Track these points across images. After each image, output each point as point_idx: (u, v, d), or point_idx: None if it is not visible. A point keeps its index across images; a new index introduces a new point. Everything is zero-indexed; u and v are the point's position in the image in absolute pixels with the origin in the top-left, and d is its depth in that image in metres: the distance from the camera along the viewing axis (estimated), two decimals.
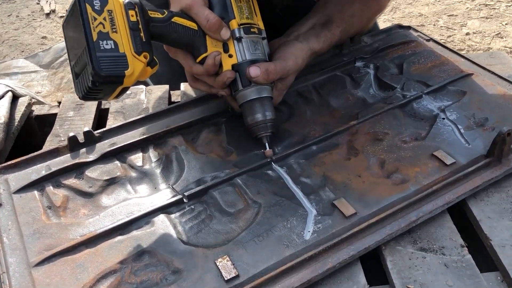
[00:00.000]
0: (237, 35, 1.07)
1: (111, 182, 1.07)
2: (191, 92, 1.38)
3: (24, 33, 3.68)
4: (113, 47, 0.90)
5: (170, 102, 1.37)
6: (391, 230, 0.91)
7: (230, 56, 1.08)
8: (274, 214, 0.97)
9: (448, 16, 3.63)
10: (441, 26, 3.51)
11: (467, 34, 3.39)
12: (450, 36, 3.39)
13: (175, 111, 1.24)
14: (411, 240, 0.92)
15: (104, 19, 0.91)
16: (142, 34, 0.95)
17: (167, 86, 1.40)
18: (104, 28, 0.90)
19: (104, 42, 0.89)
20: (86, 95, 0.93)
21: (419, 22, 3.56)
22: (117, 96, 0.96)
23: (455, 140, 1.10)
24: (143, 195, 1.04)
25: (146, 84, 1.55)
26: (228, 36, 1.07)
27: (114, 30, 0.91)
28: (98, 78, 0.89)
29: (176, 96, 1.40)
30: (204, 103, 1.26)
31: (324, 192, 1.01)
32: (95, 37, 0.89)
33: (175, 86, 1.46)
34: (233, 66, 1.08)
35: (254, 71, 1.05)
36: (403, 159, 1.07)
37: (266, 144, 1.10)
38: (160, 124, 1.21)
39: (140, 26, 0.95)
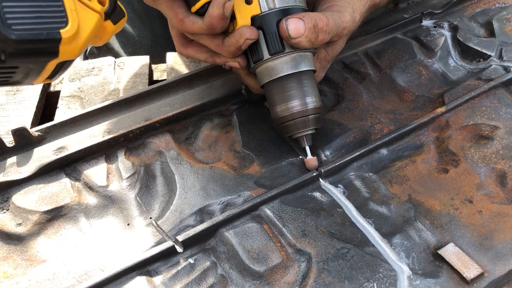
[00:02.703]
0: None
1: (55, 216, 0.65)
2: (182, 66, 0.94)
3: None
4: None
5: (151, 81, 0.93)
6: None
7: (249, 2, 0.65)
8: (336, 276, 0.55)
9: None
10: None
11: None
12: None
13: (159, 95, 0.80)
14: None
15: None
16: None
17: (146, 58, 0.96)
18: None
19: None
20: None
21: None
22: (51, 77, 0.52)
23: None
24: (107, 240, 0.61)
25: (116, 55, 1.10)
26: None
27: None
28: (6, 46, 0.44)
29: (160, 72, 0.97)
30: (203, 82, 0.82)
31: (417, 230, 0.60)
32: None
33: (158, 57, 1.02)
34: (254, 19, 0.65)
35: (295, 25, 0.62)
36: None
37: (307, 148, 0.68)
38: (135, 115, 0.77)
39: None
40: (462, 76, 0.83)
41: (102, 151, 0.72)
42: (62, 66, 0.50)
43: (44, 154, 0.71)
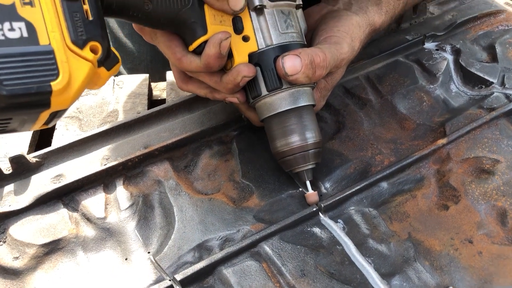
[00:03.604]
0: (257, 2, 0.63)
1: (53, 249, 0.64)
2: None
3: None
4: (25, 35, 0.45)
5: (150, 101, 0.93)
6: None
7: (246, 39, 0.64)
8: None
9: None
10: None
11: None
12: None
13: (158, 119, 0.80)
14: None
15: None
16: (86, 8, 0.51)
17: (146, 76, 0.95)
18: None
19: (7, 25, 0.44)
20: None
21: None
22: (47, 124, 0.52)
23: None
24: (104, 275, 0.61)
25: (115, 75, 1.09)
26: (242, 5, 0.63)
27: (27, 0, 0.46)
28: None
29: (159, 91, 0.96)
30: (203, 105, 0.82)
31: (416, 272, 0.59)
32: None
33: (157, 74, 1.01)
34: (252, 56, 0.64)
35: (291, 63, 0.61)
36: None
37: (308, 183, 0.68)
38: (134, 141, 0.76)
39: None
40: (463, 103, 0.83)
41: (101, 180, 0.71)
42: (57, 114, 0.49)
43: (42, 182, 0.71)
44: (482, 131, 0.76)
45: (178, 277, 0.58)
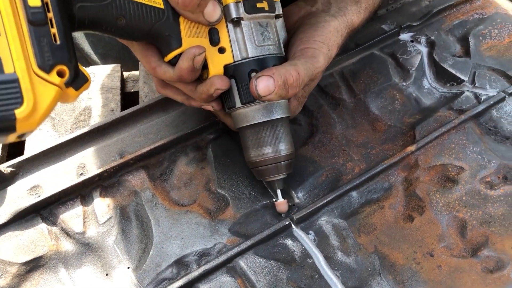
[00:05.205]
0: (234, 15, 0.62)
1: (34, 267, 0.66)
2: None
3: None
4: None
5: (123, 95, 0.91)
6: None
7: (222, 50, 0.64)
8: None
9: None
10: None
11: None
12: None
13: (132, 121, 0.80)
14: None
15: None
16: (54, 31, 0.50)
17: (118, 67, 0.93)
18: None
19: None
20: None
21: None
22: (20, 138, 0.53)
23: None
24: None
25: (86, 56, 1.06)
26: (217, 16, 0.62)
27: None
28: None
29: (132, 82, 0.94)
30: (177, 105, 0.82)
31: (380, 286, 0.64)
32: None
33: (130, 60, 0.99)
34: (227, 68, 0.64)
35: (264, 84, 0.61)
36: (493, 220, 0.69)
37: (279, 192, 0.70)
38: (109, 147, 0.77)
39: (51, 15, 0.50)
40: (435, 101, 0.84)
41: (77, 191, 0.72)
42: (22, 136, 0.50)
43: (18, 195, 0.71)
44: (450, 136, 0.78)
45: None
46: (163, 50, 0.63)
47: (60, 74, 0.50)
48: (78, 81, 0.53)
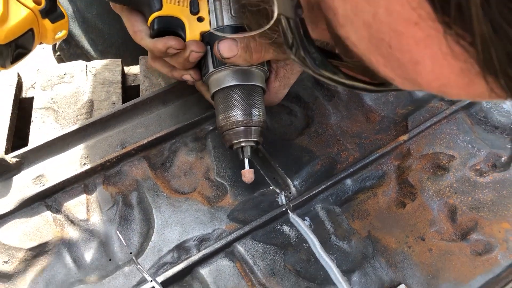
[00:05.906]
0: None
1: (40, 252, 0.68)
2: (155, 72, 0.94)
3: None
4: None
5: (124, 89, 0.94)
6: None
7: (201, 19, 0.68)
8: None
9: None
10: None
11: None
12: None
13: (133, 113, 0.82)
14: None
15: None
16: None
17: (118, 62, 0.95)
18: None
19: None
20: None
21: None
22: (3, 65, 0.56)
23: None
24: (91, 278, 0.66)
25: (86, 53, 1.08)
26: None
27: None
28: None
29: (133, 76, 0.97)
30: (177, 97, 0.84)
31: (374, 268, 0.67)
32: None
33: (130, 55, 1.01)
34: (203, 36, 0.69)
35: (226, 47, 0.64)
36: (482, 206, 0.72)
37: (246, 160, 0.70)
38: (111, 138, 0.79)
39: None
40: (427, 93, 0.86)
41: (81, 180, 0.74)
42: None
43: (23, 184, 0.74)
44: (441, 125, 0.81)
45: (159, 279, 0.64)
46: (146, 14, 0.68)
47: (36, 1, 0.55)
48: (55, 15, 0.57)
